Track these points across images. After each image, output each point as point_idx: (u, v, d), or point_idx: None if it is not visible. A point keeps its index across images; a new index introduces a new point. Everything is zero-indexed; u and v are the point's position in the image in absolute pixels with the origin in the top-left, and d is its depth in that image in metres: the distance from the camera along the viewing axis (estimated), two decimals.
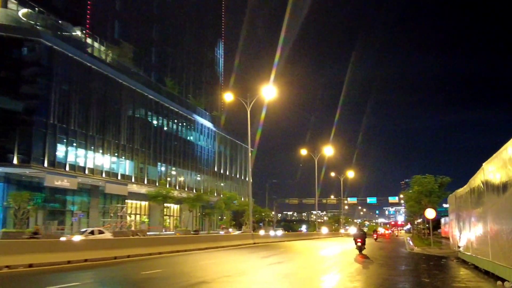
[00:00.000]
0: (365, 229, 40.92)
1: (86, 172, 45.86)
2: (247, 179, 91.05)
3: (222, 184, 79.54)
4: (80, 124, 45.26)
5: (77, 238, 24.88)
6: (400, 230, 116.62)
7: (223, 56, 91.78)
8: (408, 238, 57.88)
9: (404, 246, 36.45)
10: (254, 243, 34.52)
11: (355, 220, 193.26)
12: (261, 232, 58.00)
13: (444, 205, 59.48)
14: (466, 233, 18.33)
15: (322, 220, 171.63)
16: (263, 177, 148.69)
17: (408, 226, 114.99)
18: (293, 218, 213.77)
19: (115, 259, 17.90)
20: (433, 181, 38.87)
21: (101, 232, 30.28)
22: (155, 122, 59.05)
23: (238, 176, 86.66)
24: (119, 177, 50.86)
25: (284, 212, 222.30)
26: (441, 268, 17.28)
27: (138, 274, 13.95)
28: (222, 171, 79.34)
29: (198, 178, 70.74)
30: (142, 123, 55.78)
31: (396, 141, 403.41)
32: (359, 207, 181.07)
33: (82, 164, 45.67)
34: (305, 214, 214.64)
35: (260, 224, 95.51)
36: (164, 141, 60.30)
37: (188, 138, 68.09)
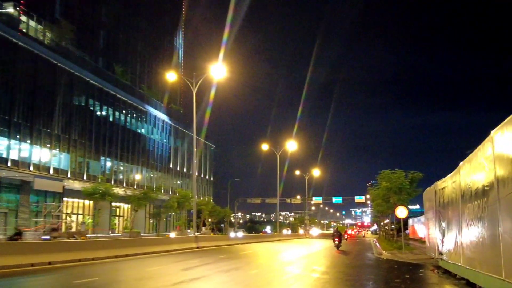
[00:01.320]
0: (331, 230, 40.49)
1: (9, 164, 39.48)
2: (206, 177, 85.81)
3: (178, 182, 73.87)
4: (2, 108, 38.95)
5: None
6: (367, 231, 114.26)
7: (183, 47, 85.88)
8: (375, 239, 54.17)
9: (371, 249, 32.00)
10: (198, 247, 29.29)
11: (322, 221, 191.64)
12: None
13: (410, 207, 55.70)
14: (452, 236, 13.69)
15: (289, 221, 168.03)
16: (224, 175, 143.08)
17: (375, 227, 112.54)
18: (261, 219, 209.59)
19: None
20: (403, 176, 34.59)
21: None
22: (98, 111, 52.83)
23: (197, 173, 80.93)
24: (51, 171, 44.59)
25: (252, 213, 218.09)
26: (422, 286, 12.55)
27: None
28: (178, 168, 73.55)
29: (151, 175, 64.86)
30: (82, 111, 49.50)
31: (362, 142, 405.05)
32: (326, 208, 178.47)
33: (4, 156, 39.32)
34: (273, 215, 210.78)
35: (221, 225, 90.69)
36: (109, 133, 54.10)
37: (139, 130, 62.02)
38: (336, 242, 31.27)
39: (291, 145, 59.61)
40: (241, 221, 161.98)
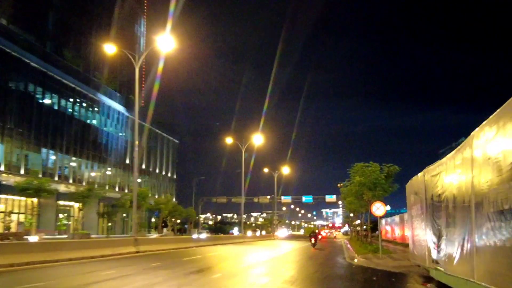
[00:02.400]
0: (301, 231, 40.41)
1: None
2: (169, 174, 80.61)
3: (139, 180, 68.52)
4: None
5: None
6: (338, 231, 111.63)
7: (144, 35, 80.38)
8: (346, 241, 50.63)
9: (342, 253, 27.99)
10: (137, 252, 24.55)
11: (292, 222, 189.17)
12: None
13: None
14: (456, 238, 9.56)
15: (259, 222, 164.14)
16: (189, 173, 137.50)
17: (346, 227, 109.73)
18: (232, 220, 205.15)
19: None
20: (378, 170, 30.55)
21: None
22: (40, 98, 47.15)
23: (158, 171, 75.75)
24: None
25: (224, 214, 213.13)
26: None
27: None
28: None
29: (103, 171, 59.37)
30: (20, 97, 43.89)
31: (333, 142, 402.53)
32: (297, 209, 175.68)
33: None
34: (245, 216, 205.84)
35: (185, 225, 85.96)
36: (53, 123, 48.49)
37: (89, 121, 56.43)
38: (313, 241, 35.68)
39: (257, 139, 55.28)
40: (210, 222, 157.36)
